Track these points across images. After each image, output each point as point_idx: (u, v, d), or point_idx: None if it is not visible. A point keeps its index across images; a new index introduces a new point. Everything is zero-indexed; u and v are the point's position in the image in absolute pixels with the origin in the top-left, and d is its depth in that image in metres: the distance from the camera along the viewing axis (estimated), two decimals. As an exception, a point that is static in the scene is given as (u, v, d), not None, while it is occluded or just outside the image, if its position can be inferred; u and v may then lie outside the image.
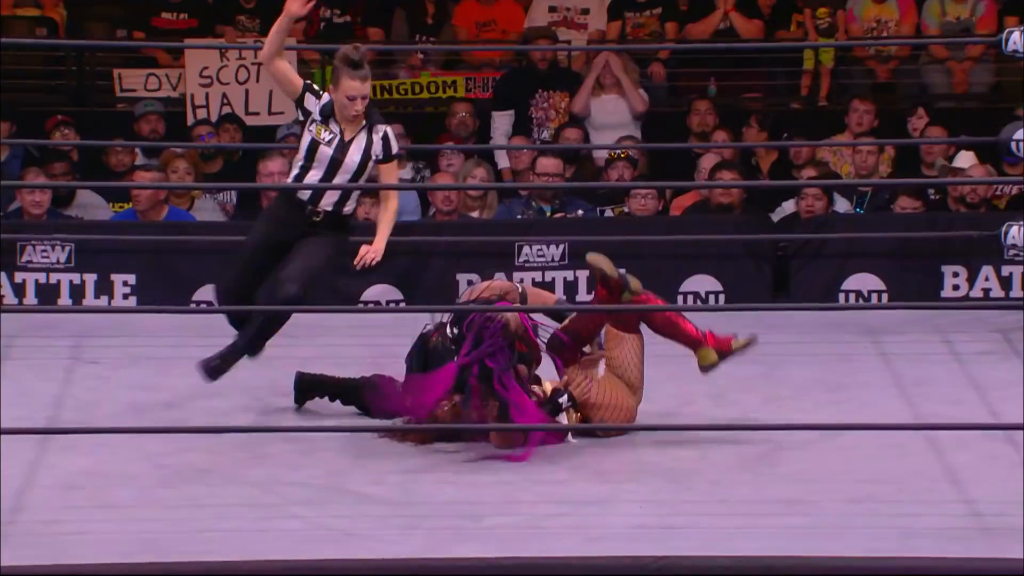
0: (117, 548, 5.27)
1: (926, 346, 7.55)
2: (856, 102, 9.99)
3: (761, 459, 6.16)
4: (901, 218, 8.95)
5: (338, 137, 6.26)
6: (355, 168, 6.31)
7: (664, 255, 8.69)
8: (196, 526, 5.48)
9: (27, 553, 5.21)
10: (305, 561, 5.18)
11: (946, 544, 5.31)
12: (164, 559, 5.18)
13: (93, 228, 8.92)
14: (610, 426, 6.46)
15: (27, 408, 6.74)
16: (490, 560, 5.20)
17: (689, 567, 5.17)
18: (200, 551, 5.26)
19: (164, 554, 5.22)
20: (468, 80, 10.81)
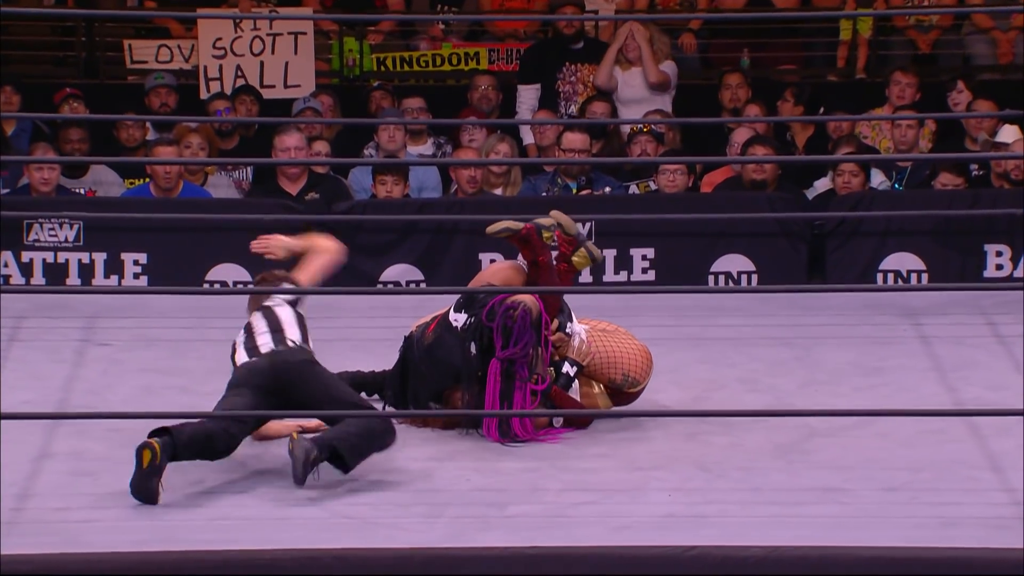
0: (129, 536, 5.31)
1: (968, 329, 7.55)
2: (898, 74, 9.96)
3: (795, 446, 6.17)
4: (942, 195, 8.93)
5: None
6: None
7: (694, 234, 8.69)
8: (211, 514, 5.52)
9: (36, 540, 5.25)
10: (324, 550, 5.21)
11: (988, 534, 5.32)
12: (178, 548, 5.22)
13: (102, 205, 8.95)
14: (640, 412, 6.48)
15: (37, 392, 6.79)
16: (515, 550, 5.22)
17: (720, 558, 5.19)
18: (215, 539, 5.30)
19: (178, 543, 5.26)
20: (491, 52, 10.82)
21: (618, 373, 6.42)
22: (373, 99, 10.18)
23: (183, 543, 5.26)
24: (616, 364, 6.42)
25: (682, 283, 8.55)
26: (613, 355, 6.43)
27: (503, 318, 6.19)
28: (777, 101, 10.02)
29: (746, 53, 10.75)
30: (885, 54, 10.83)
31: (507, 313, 6.19)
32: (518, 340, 6.19)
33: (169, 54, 10.67)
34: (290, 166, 9.05)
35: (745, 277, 8.70)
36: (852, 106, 10.16)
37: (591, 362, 6.41)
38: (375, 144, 9.73)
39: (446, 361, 6.31)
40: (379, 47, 10.93)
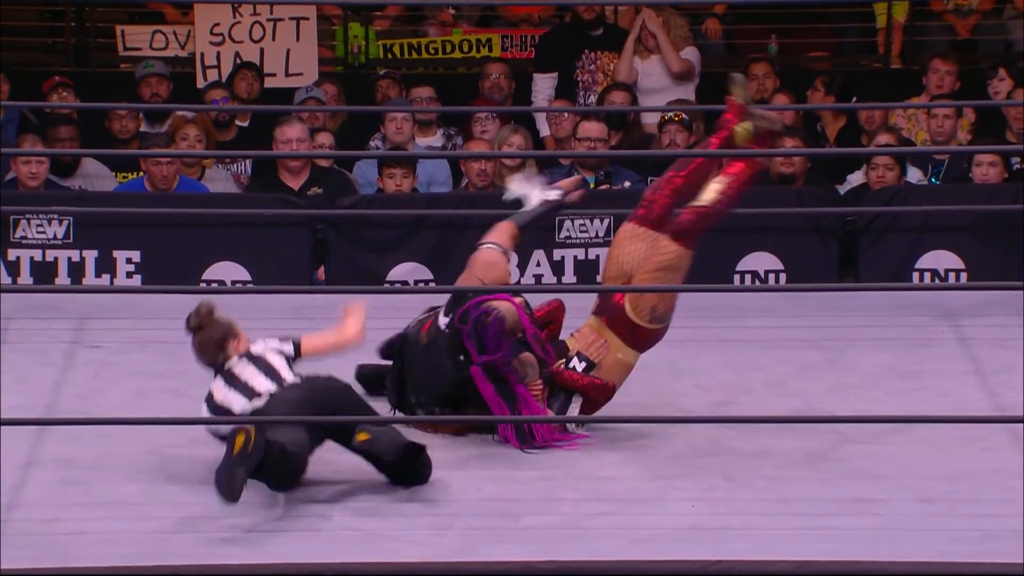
0: (122, 549, 5.32)
1: (1009, 330, 7.53)
2: (937, 61, 9.95)
3: (825, 454, 6.17)
4: (982, 189, 8.93)
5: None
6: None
7: (718, 230, 8.64)
8: (208, 526, 5.52)
9: (24, 554, 5.26)
10: (326, 564, 5.22)
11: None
12: (172, 562, 5.23)
13: (93, 200, 8.96)
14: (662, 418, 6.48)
15: (24, 396, 6.79)
16: (529, 564, 5.24)
17: (746, 572, 5.20)
18: (212, 554, 5.31)
19: (174, 556, 5.27)
20: (504, 38, 10.83)
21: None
22: (379, 88, 10.19)
23: (178, 557, 5.28)
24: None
25: (706, 282, 8.53)
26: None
27: (475, 324, 6.18)
28: (807, 90, 10.02)
29: (774, 39, 10.76)
30: (922, 40, 10.83)
31: (480, 319, 6.18)
32: (494, 348, 6.18)
33: (164, 41, 10.69)
34: (292, 159, 9.06)
35: (773, 276, 8.70)
36: (887, 95, 10.16)
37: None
38: (381, 136, 9.74)
39: (439, 367, 6.30)
40: (386, 33, 10.95)
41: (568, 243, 8.72)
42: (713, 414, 6.60)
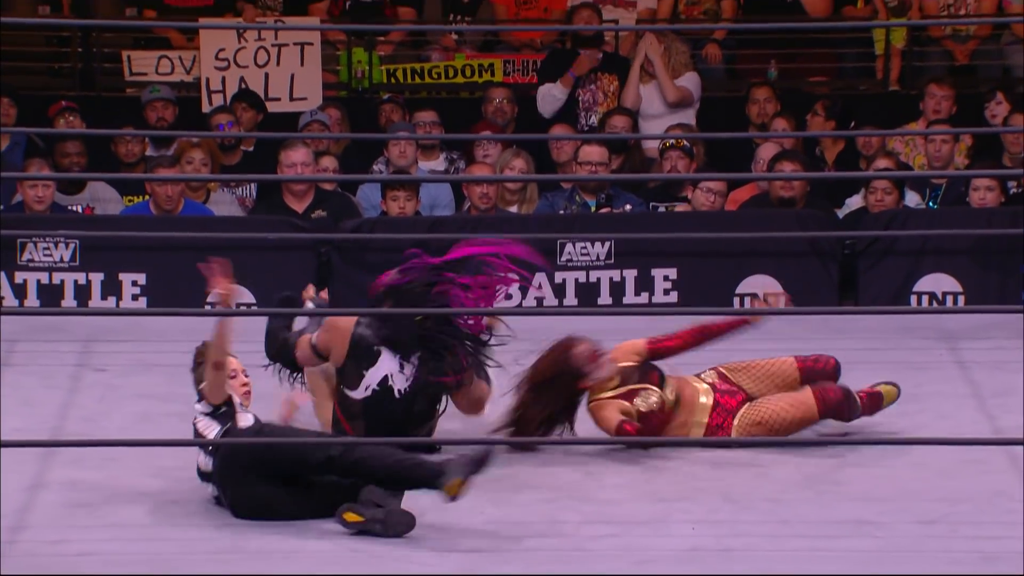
0: (126, 569, 5.31)
1: (1007, 353, 7.53)
2: (933, 87, 9.96)
3: (826, 476, 6.16)
4: (979, 213, 8.93)
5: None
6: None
7: (719, 253, 8.70)
8: (214, 547, 5.52)
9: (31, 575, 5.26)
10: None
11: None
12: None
13: (99, 223, 8.96)
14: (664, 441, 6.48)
15: (30, 419, 6.79)
16: (531, 585, 5.23)
17: (748, 594, 5.20)
18: (218, 573, 5.30)
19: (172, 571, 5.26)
20: (506, 63, 10.83)
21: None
22: (383, 112, 10.20)
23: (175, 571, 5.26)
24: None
25: (707, 305, 8.55)
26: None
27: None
28: (807, 114, 10.02)
29: (774, 64, 10.76)
30: (920, 65, 10.83)
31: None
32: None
33: (170, 65, 10.70)
34: (296, 183, 9.06)
35: (773, 299, 8.70)
36: (886, 119, 10.16)
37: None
38: (385, 159, 9.74)
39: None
40: (389, 58, 10.95)
41: (570, 266, 8.72)
42: (714, 437, 6.59)
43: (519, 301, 8.52)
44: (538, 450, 6.47)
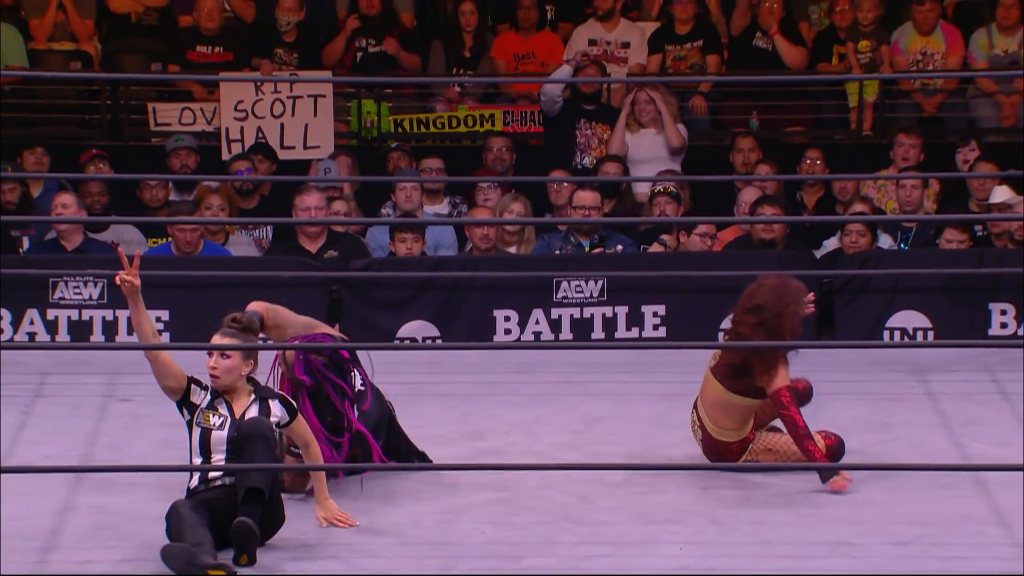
0: (150, 588, 5.29)
1: (974, 385, 7.52)
2: (901, 136, 9.98)
3: (806, 499, 6.14)
4: (947, 254, 8.92)
5: (228, 418, 5.73)
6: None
7: (705, 291, 8.68)
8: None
9: (59, 593, 5.24)
10: (341, 603, 5.19)
11: (996, 588, 5.30)
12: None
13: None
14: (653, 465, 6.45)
15: (60, 446, 6.78)
16: (529, 602, 5.20)
17: (733, 610, 5.17)
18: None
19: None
20: (506, 114, 10.83)
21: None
22: (391, 159, 10.20)
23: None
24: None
25: (694, 339, 8.53)
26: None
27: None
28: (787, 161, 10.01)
29: (755, 115, 10.76)
30: (891, 116, 10.83)
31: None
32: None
33: (192, 116, 10.70)
34: (310, 225, 9.04)
35: (755, 334, 8.67)
36: (859, 167, 10.17)
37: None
38: (392, 203, 9.74)
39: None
40: (396, 109, 10.96)
41: (565, 303, 8.70)
42: (701, 462, 6.57)
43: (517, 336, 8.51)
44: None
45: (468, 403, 7.40)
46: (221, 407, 5.75)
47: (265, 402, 5.78)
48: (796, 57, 10.83)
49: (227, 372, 5.76)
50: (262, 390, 5.83)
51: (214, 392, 5.78)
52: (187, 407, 5.78)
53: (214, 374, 5.77)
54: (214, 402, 5.77)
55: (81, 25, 11.06)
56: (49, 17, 11.02)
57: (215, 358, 5.78)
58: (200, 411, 5.76)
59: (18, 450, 6.74)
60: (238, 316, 5.97)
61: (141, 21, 11.26)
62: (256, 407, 5.76)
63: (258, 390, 5.81)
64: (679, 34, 10.94)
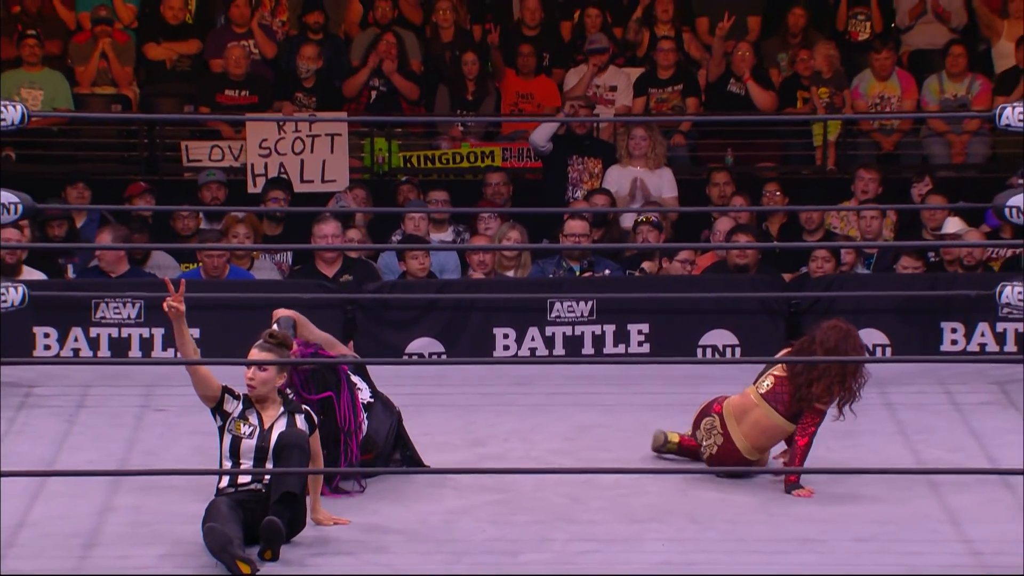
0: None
1: (928, 397, 7.52)
2: (861, 171, 9.98)
3: (776, 500, 6.13)
4: (903, 278, 8.92)
5: (258, 428, 5.72)
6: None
7: (685, 311, 8.68)
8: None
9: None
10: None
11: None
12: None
13: (161, 286, 8.90)
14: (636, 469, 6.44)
15: (101, 452, 6.77)
16: (526, 594, 5.19)
17: (710, 601, 5.16)
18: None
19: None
20: (505, 150, 10.84)
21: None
22: (401, 192, 10.20)
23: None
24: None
25: (674, 355, 8.52)
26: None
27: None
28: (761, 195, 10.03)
29: (730, 152, 10.77)
30: (852, 153, 10.85)
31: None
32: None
33: (221, 153, 10.71)
34: (327, 251, 9.04)
35: (730, 349, 8.67)
36: (824, 199, 10.19)
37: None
38: (402, 231, 9.73)
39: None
40: (405, 146, 10.97)
41: (558, 321, 8.69)
42: (681, 467, 6.56)
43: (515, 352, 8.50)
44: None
45: (471, 413, 7.39)
46: (252, 417, 5.75)
47: (292, 415, 5.77)
48: (766, 100, 10.85)
49: (263, 383, 5.76)
50: (290, 404, 5.82)
51: (246, 402, 5.78)
52: (220, 414, 5.77)
53: (251, 384, 5.77)
54: (245, 412, 5.76)
55: (121, 72, 11.07)
56: (93, 64, 11.03)
57: (253, 370, 5.77)
58: (232, 419, 5.75)
59: (63, 455, 6.74)
60: (275, 332, 5.97)
61: (175, 68, 11.28)
62: (284, 420, 5.75)
63: (287, 404, 5.81)
64: (661, 79, 10.96)
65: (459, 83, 11.07)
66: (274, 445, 5.66)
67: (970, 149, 10.88)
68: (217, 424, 5.77)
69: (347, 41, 11.39)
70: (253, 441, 5.70)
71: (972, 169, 10.84)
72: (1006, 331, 8.56)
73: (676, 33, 11.12)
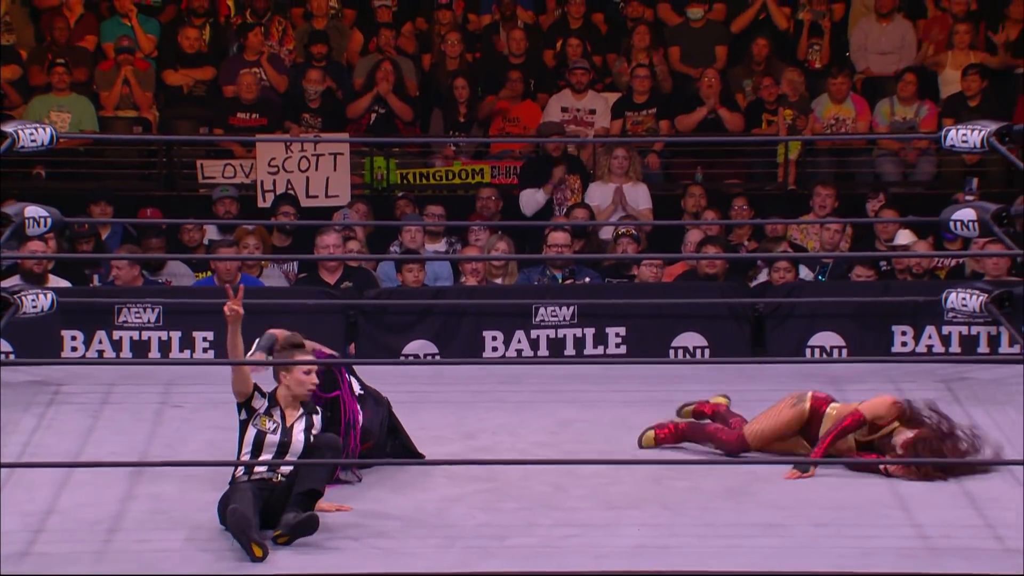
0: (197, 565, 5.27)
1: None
2: (820, 188, 10.00)
3: (743, 489, 6.13)
4: (858, 285, 8.94)
5: (280, 425, 5.74)
6: (301, 449, 5.73)
7: (658, 315, 8.68)
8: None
9: (121, 567, 5.21)
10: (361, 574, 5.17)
11: (899, 561, 5.30)
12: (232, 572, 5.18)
13: (178, 293, 8.94)
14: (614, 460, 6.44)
15: (123, 445, 6.75)
16: (512, 574, 5.18)
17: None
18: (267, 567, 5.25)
19: (232, 568, 5.22)
20: (493, 168, 10.85)
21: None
22: (398, 206, 10.20)
23: (238, 568, 5.23)
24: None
25: (649, 356, 8.53)
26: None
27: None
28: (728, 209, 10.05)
29: (699, 170, 10.79)
30: (811, 171, 10.87)
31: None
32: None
33: (233, 171, 10.70)
34: (329, 261, 9.04)
35: (700, 351, 8.68)
36: (785, 213, 10.20)
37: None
38: (399, 243, 9.73)
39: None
40: (402, 164, 10.97)
41: (542, 325, 8.69)
42: (656, 458, 6.56)
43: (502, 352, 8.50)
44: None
45: (463, 409, 7.39)
46: (275, 414, 5.77)
47: (310, 416, 5.81)
48: (734, 123, 10.87)
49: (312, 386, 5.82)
50: (307, 405, 5.84)
51: (271, 400, 5.80)
52: (247, 409, 5.79)
53: (312, 389, 5.81)
54: (270, 409, 5.78)
55: (142, 96, 11.07)
56: (116, 90, 11.02)
57: (312, 375, 5.81)
58: (258, 415, 5.77)
59: (88, 448, 6.72)
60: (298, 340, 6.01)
61: (192, 93, 11.28)
62: (304, 420, 5.78)
63: (305, 405, 5.83)
64: (637, 103, 10.98)
65: (452, 106, 11.08)
66: (310, 444, 5.69)
67: (918, 168, 10.91)
68: (241, 418, 5.78)
69: (349, 67, 11.40)
70: (276, 437, 5.72)
71: (920, 186, 10.87)
72: (951, 334, 8.57)
73: (650, 61, 11.14)
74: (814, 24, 11.43)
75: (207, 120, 11.07)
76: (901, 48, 11.36)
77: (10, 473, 5.98)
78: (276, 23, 11.39)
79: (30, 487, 5.96)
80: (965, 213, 7.32)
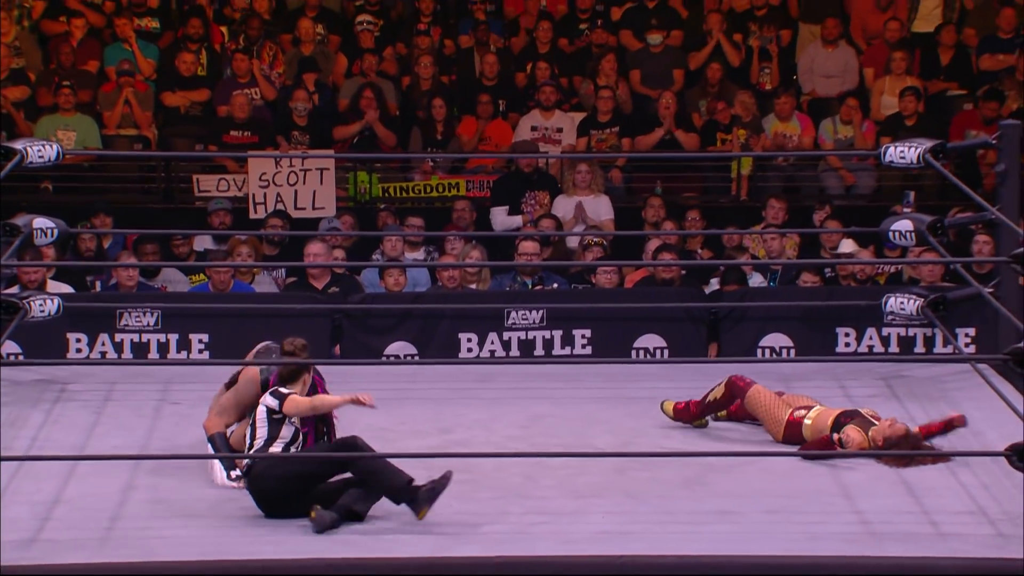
0: (193, 548, 5.25)
1: (826, 391, 7.53)
2: (772, 200, 10.05)
3: (699, 479, 6.13)
4: (805, 290, 8.96)
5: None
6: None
7: (621, 318, 8.69)
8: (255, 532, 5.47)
9: (122, 553, 5.19)
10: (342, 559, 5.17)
11: (843, 546, 5.31)
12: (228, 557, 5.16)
13: (175, 298, 8.91)
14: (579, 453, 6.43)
15: (125, 439, 6.72)
16: (487, 558, 5.19)
17: (643, 564, 5.17)
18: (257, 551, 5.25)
19: (228, 554, 5.20)
20: (468, 182, 10.86)
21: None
22: (380, 217, 10.20)
23: (233, 554, 5.21)
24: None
25: (612, 356, 8.53)
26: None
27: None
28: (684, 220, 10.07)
29: (659, 183, 10.82)
30: (762, 185, 10.91)
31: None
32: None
33: (227, 185, 10.69)
34: (316, 268, 9.02)
35: (659, 351, 8.68)
36: (738, 223, 10.23)
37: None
38: (381, 251, 9.72)
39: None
40: (384, 178, 10.96)
41: (513, 328, 8.68)
42: (619, 450, 6.56)
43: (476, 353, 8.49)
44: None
45: (440, 405, 7.37)
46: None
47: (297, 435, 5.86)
48: (691, 141, 10.91)
49: None
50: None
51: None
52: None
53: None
54: None
55: (142, 116, 11.05)
56: (118, 110, 11.00)
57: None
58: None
59: (92, 442, 6.69)
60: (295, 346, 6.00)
61: (188, 112, 11.26)
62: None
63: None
64: (601, 122, 11.00)
65: (430, 125, 11.08)
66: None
67: (859, 181, 10.96)
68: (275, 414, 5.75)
69: (335, 89, 11.39)
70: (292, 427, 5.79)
71: (862, 199, 10.92)
72: (890, 335, 8.60)
73: (615, 84, 11.17)
74: (763, 49, 11.48)
75: (202, 138, 11.05)
76: (844, 72, 11.42)
77: (19, 465, 5.94)
78: (267, 48, 11.38)
79: (38, 478, 5.92)
80: (903, 224, 7.38)
